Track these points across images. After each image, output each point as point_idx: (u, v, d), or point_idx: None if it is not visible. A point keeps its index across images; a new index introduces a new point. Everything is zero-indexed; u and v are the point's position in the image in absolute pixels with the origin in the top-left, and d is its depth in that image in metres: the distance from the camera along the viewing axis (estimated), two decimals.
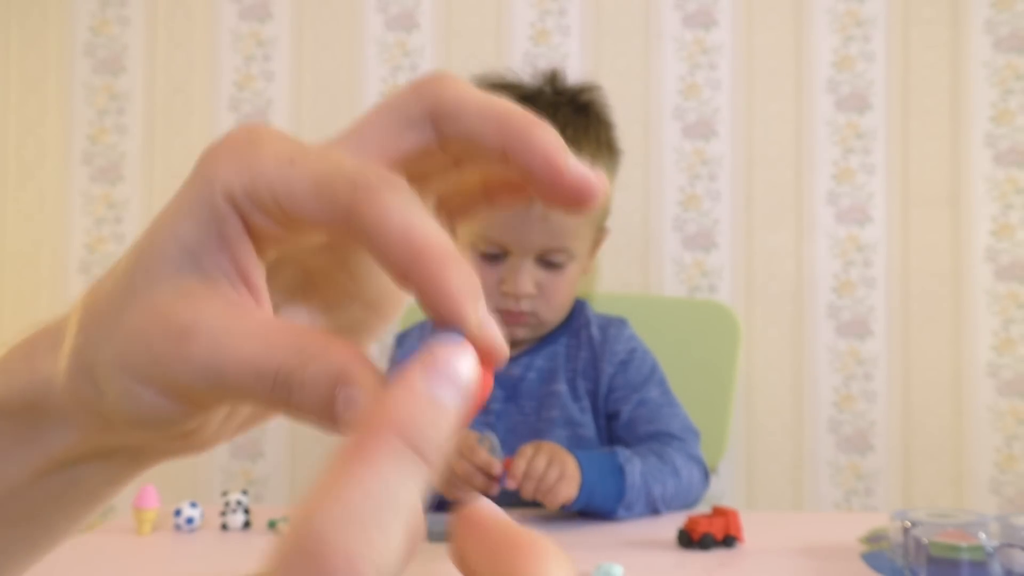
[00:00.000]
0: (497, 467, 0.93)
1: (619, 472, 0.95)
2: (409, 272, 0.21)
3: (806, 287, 1.47)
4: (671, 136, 1.50)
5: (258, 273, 0.24)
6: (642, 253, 1.49)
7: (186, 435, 0.27)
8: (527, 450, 0.92)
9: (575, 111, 1.15)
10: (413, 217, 0.22)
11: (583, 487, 0.91)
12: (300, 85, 1.54)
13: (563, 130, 1.08)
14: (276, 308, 0.26)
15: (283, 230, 0.24)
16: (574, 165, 0.24)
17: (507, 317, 1.09)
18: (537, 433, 1.09)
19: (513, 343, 1.14)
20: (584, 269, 1.18)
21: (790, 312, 1.47)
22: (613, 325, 1.16)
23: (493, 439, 0.94)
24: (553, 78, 1.19)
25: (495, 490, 0.95)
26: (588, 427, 1.11)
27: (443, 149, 0.25)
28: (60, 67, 1.57)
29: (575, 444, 1.08)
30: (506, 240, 1.08)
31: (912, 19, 1.48)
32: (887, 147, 1.47)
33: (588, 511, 0.94)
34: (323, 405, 0.22)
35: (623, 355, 1.13)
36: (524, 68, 1.50)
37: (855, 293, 1.47)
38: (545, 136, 0.24)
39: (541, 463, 0.90)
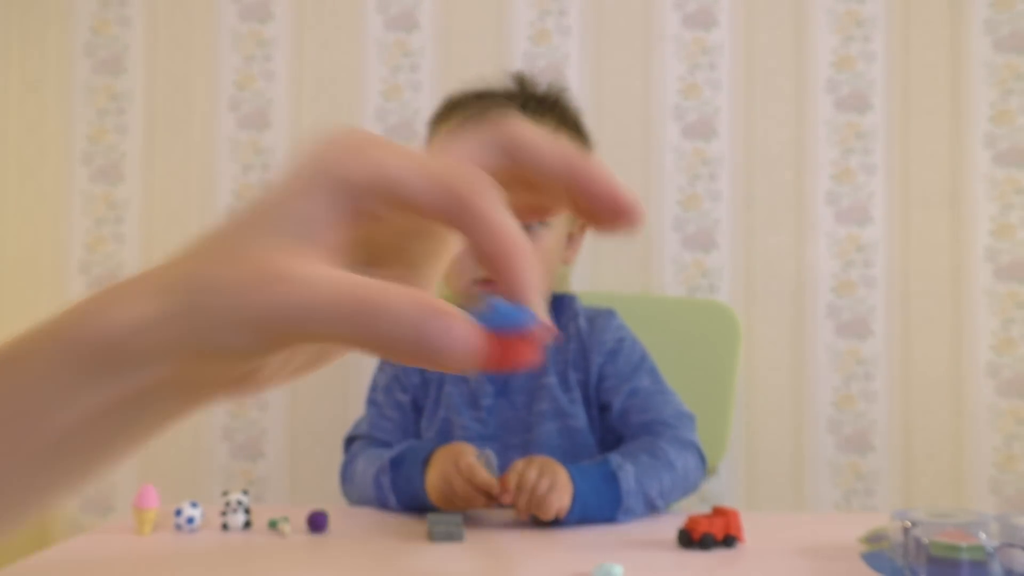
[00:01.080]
0: (496, 487, 0.94)
1: (613, 479, 0.96)
2: (498, 259, 0.28)
3: (806, 287, 1.47)
4: (671, 136, 1.50)
5: (345, 248, 0.30)
6: (642, 253, 1.49)
7: (248, 374, 0.31)
8: (518, 464, 0.93)
9: (544, 106, 1.19)
10: (508, 217, 0.28)
11: (576, 497, 0.92)
12: (300, 85, 1.55)
13: (540, 121, 1.11)
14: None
15: (390, 214, 0.29)
16: (626, 192, 0.31)
17: (484, 285, 1.09)
18: (528, 427, 1.10)
19: None
20: (563, 256, 1.20)
21: (790, 312, 1.48)
22: (601, 316, 1.17)
23: (491, 456, 0.95)
24: (522, 80, 1.23)
25: (494, 507, 0.96)
26: (579, 418, 1.11)
27: (512, 173, 0.31)
28: (60, 67, 1.57)
29: (566, 435, 1.10)
30: None
31: (912, 19, 1.48)
32: (887, 147, 1.47)
33: (587, 521, 0.95)
34: (412, 331, 0.26)
35: (612, 344, 1.14)
36: (524, 68, 1.51)
37: (855, 293, 1.47)
38: (603, 171, 0.31)
39: (532, 474, 0.91)
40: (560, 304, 1.20)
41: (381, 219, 0.30)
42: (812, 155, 1.48)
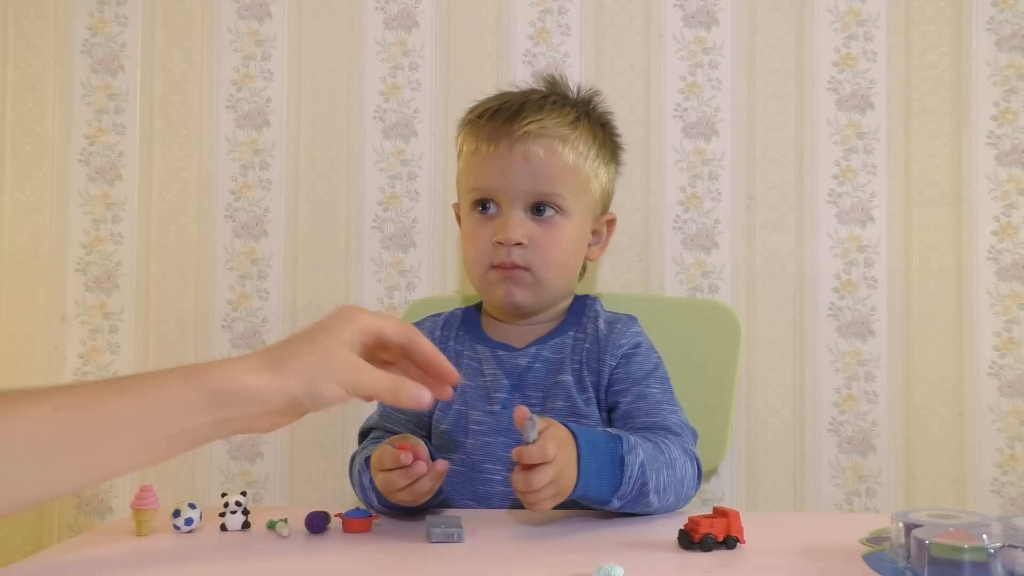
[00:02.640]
0: (406, 456, 0.91)
1: (619, 464, 0.92)
2: (431, 367, 0.85)
3: (807, 287, 1.47)
4: (672, 135, 1.50)
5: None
6: (643, 253, 1.49)
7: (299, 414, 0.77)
8: (548, 448, 0.85)
9: (576, 109, 1.17)
10: (431, 346, 0.85)
11: (578, 486, 0.88)
12: (299, 84, 1.54)
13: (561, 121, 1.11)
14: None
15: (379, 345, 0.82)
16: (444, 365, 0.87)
17: (502, 272, 1.11)
18: None
19: (517, 311, 1.16)
20: (588, 251, 1.20)
21: (791, 312, 1.47)
22: (620, 321, 1.17)
23: (534, 421, 0.86)
24: (553, 83, 1.22)
25: (421, 468, 0.91)
26: (593, 418, 1.11)
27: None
28: (58, 66, 1.56)
29: None
30: (492, 186, 1.11)
31: (914, 18, 1.47)
32: (889, 146, 1.47)
33: (579, 502, 0.93)
34: (410, 401, 0.78)
35: (627, 349, 1.13)
36: (524, 67, 1.50)
37: (856, 293, 1.46)
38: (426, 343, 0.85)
39: (543, 479, 0.84)
40: (582, 305, 1.20)
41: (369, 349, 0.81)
42: (813, 154, 1.48)
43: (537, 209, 1.12)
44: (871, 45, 1.48)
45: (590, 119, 1.17)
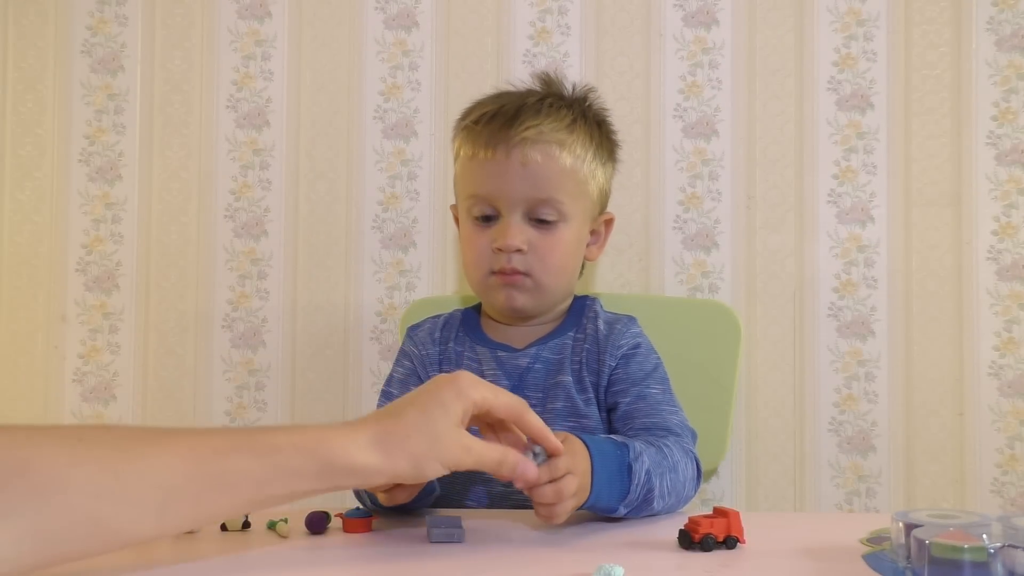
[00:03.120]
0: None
1: (627, 471, 0.92)
2: (538, 438, 0.84)
3: (807, 287, 1.47)
4: (672, 135, 1.49)
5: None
6: (642, 253, 1.49)
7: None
8: (560, 466, 0.84)
9: (572, 107, 1.17)
10: (539, 422, 0.84)
11: (590, 496, 0.87)
12: (299, 84, 1.54)
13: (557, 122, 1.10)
14: None
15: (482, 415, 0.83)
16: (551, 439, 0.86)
17: (502, 277, 1.11)
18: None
19: (517, 315, 1.16)
20: (586, 251, 1.19)
21: (791, 312, 1.47)
22: (620, 321, 1.16)
23: (541, 452, 0.85)
24: (548, 81, 1.21)
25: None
26: (593, 419, 1.11)
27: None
28: (58, 66, 1.56)
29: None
30: (492, 192, 1.11)
31: (914, 18, 1.47)
32: (889, 146, 1.47)
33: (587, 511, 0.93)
34: (512, 472, 0.81)
35: (626, 349, 1.13)
36: (524, 67, 1.50)
37: (856, 293, 1.46)
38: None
39: (572, 487, 0.84)
40: (581, 305, 1.20)
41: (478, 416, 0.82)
42: (813, 154, 1.48)
43: (536, 214, 1.12)
44: (871, 45, 1.48)
45: (586, 119, 1.17)
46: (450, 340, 1.19)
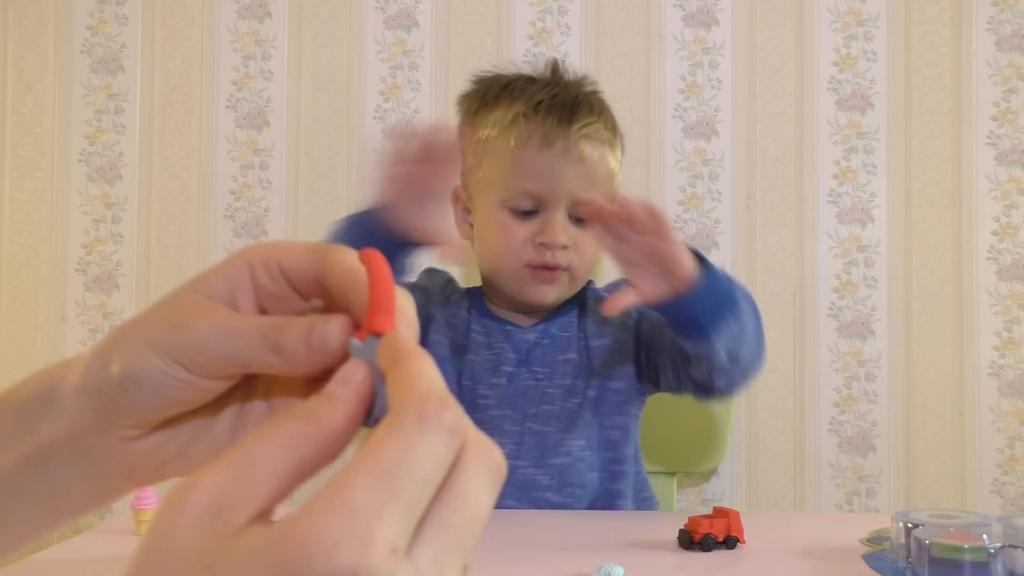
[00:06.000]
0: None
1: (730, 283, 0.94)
2: (348, 288, 0.35)
3: (807, 287, 1.47)
4: (672, 135, 1.49)
5: (246, 309, 0.37)
6: None
7: (144, 460, 0.38)
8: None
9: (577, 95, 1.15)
10: (352, 259, 0.35)
11: (708, 272, 0.91)
12: (299, 84, 1.54)
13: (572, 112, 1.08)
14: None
15: (275, 285, 0.37)
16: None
17: (543, 273, 1.09)
18: (547, 399, 1.10)
19: (539, 308, 1.15)
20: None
21: (791, 312, 1.47)
22: (616, 286, 1.16)
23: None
24: (555, 68, 1.19)
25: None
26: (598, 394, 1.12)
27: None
28: (57, 66, 1.56)
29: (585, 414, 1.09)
30: (542, 188, 1.08)
31: (914, 18, 1.47)
32: (889, 146, 1.47)
33: (710, 306, 0.93)
34: (305, 344, 0.34)
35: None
36: (524, 68, 1.50)
37: (857, 293, 1.46)
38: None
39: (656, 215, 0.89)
40: (583, 291, 1.19)
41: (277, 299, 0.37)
42: (813, 154, 1.48)
43: (576, 212, 1.08)
44: (871, 45, 1.47)
45: (594, 111, 1.16)
46: (460, 306, 1.18)
